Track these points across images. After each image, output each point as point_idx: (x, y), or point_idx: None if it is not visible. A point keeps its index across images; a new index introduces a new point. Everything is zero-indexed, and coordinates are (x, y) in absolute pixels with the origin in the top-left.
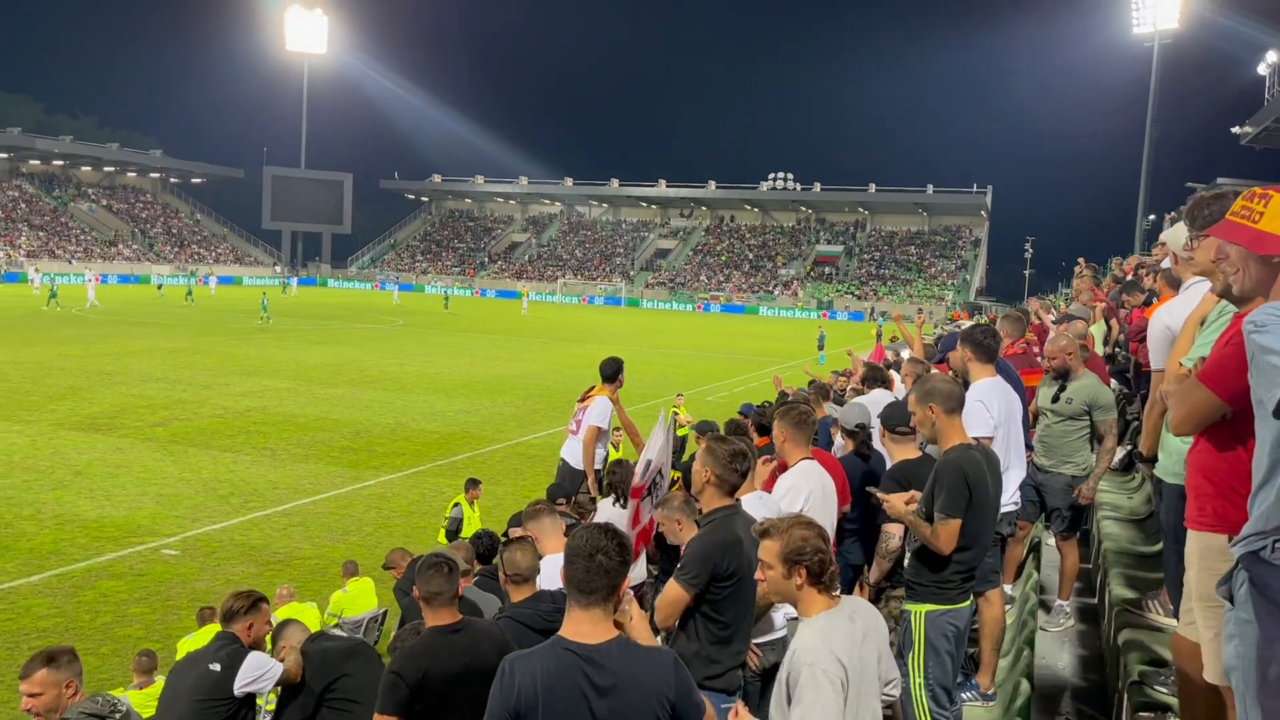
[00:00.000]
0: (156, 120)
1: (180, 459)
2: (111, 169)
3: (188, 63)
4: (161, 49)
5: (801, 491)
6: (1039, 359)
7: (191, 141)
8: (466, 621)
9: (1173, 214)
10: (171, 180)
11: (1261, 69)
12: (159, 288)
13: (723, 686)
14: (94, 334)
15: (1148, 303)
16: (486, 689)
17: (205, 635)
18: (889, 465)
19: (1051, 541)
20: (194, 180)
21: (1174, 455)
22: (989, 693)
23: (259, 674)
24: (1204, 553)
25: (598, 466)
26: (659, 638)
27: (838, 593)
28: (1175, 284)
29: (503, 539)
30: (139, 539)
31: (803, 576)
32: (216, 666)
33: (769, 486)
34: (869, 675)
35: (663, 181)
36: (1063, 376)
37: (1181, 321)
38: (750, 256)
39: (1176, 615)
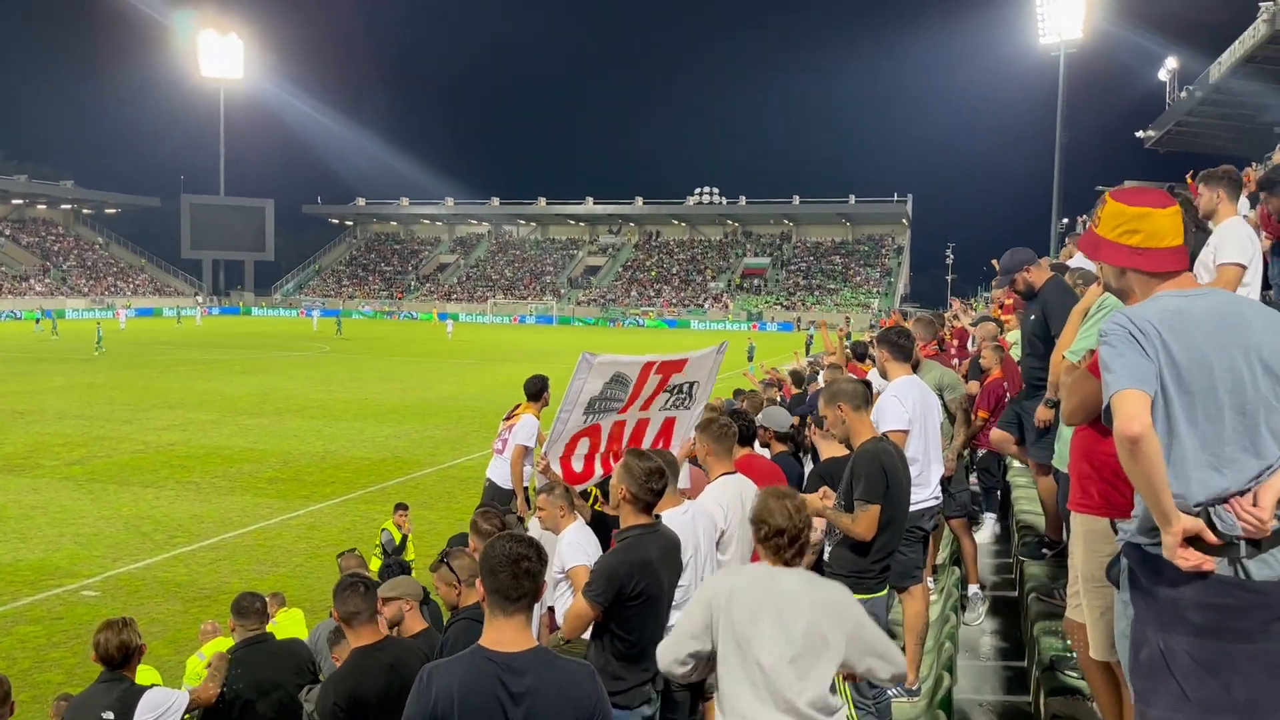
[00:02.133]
0: (67, 151)
1: (99, 497)
2: (20, 201)
3: (99, 91)
4: (70, 78)
5: (719, 510)
6: (953, 360)
7: (105, 172)
8: (389, 639)
9: (1085, 217)
10: (84, 211)
11: (1162, 75)
12: (36, 321)
13: (625, 703)
14: (6, 371)
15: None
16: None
17: (148, 673)
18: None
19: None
20: (108, 211)
21: (1069, 446)
22: (913, 688)
23: (160, 711)
24: (1089, 536)
25: (525, 484)
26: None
27: (788, 559)
28: (1091, 281)
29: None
30: (57, 581)
31: (756, 537)
32: (110, 715)
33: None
34: (762, 638)
35: (590, 199)
36: (914, 369)
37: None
38: (679, 271)
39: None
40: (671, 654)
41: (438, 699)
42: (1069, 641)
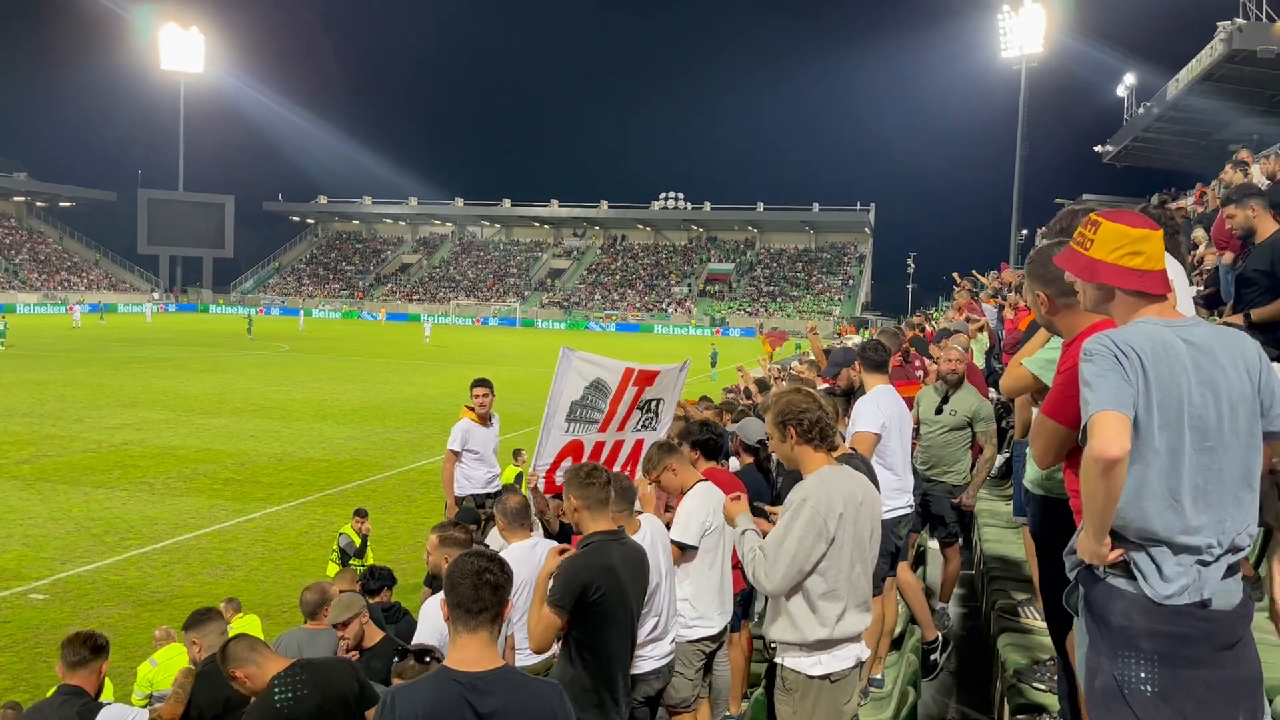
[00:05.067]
0: (21, 142)
1: (49, 497)
2: None
3: (55, 83)
4: (27, 69)
5: (697, 516)
6: (916, 373)
7: (60, 164)
8: (304, 660)
9: (1044, 229)
10: (37, 204)
11: (1120, 90)
12: None
13: (595, 719)
14: None
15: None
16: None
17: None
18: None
19: (935, 545)
20: (62, 204)
21: (1030, 463)
22: (877, 676)
23: None
24: None
25: (476, 491)
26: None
27: (835, 453)
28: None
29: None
30: (3, 584)
31: (794, 436)
32: None
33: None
34: (862, 533)
35: (555, 201)
36: (956, 386)
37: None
38: (644, 275)
39: (1047, 619)
40: (793, 568)
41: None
42: (1047, 658)
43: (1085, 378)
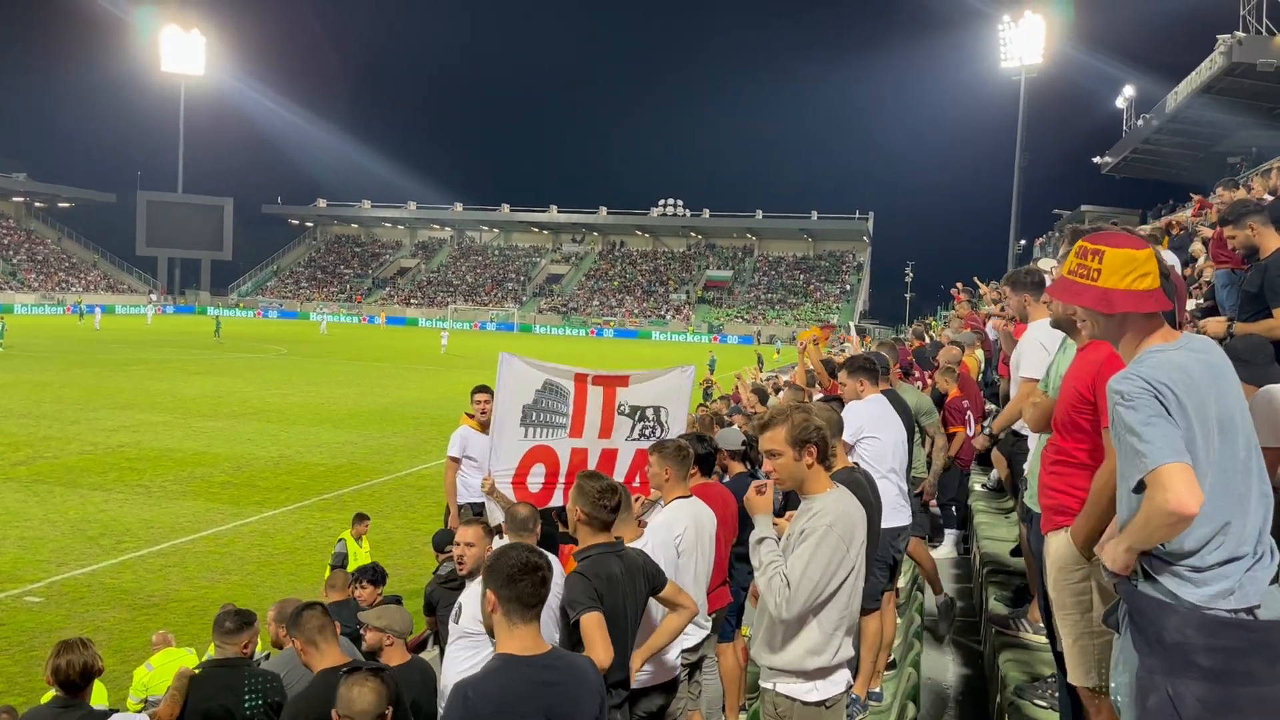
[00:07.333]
0: (20, 143)
1: (45, 499)
2: None
3: (55, 84)
4: (26, 70)
5: (672, 533)
6: (915, 384)
7: (59, 165)
8: (356, 662)
9: (1042, 239)
10: (36, 205)
11: (1119, 102)
12: None
13: None
14: None
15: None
16: None
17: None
18: None
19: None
20: (61, 205)
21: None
22: (867, 700)
23: None
24: (1056, 563)
25: (468, 500)
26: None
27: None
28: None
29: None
30: None
31: (813, 455)
32: None
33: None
34: (865, 556)
35: (554, 207)
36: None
37: (1056, 338)
38: (642, 281)
39: (1047, 633)
40: (812, 595)
41: (480, 710)
42: (1048, 674)
43: (1130, 425)
